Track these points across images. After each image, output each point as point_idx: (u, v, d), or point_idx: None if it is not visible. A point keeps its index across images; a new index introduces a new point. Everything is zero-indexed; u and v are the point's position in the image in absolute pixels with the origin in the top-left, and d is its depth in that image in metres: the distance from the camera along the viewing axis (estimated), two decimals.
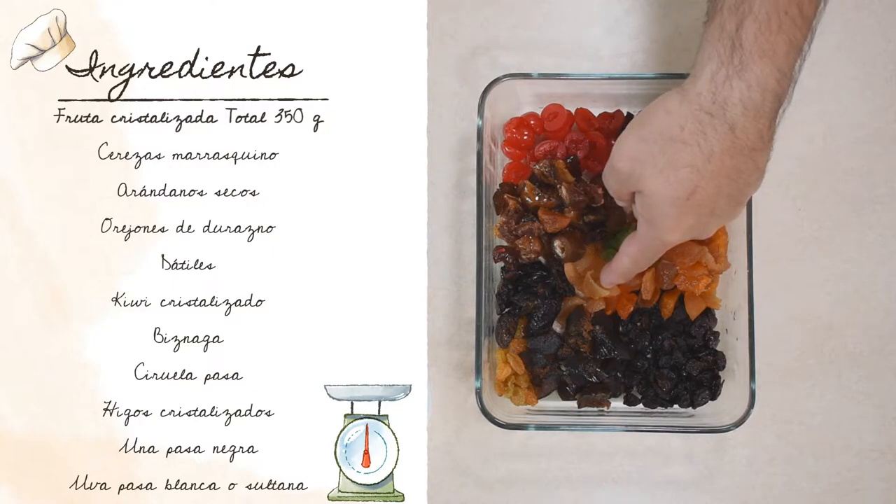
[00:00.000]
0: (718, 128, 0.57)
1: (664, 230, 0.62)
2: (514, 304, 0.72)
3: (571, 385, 0.73)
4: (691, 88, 0.59)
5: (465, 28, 0.78)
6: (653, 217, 0.62)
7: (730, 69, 0.57)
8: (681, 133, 0.59)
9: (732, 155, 0.58)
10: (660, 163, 0.60)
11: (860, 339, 0.75)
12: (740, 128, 0.57)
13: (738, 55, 0.57)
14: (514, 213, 0.72)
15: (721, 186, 0.59)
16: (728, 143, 0.58)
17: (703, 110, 0.58)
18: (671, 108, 0.59)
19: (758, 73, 0.56)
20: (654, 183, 0.60)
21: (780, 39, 0.56)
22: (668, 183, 0.59)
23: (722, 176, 0.59)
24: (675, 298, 0.72)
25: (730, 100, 0.57)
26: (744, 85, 0.57)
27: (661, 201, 0.60)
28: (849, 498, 0.74)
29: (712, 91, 0.57)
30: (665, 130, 0.59)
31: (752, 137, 0.58)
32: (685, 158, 0.59)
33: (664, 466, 0.75)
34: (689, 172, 0.59)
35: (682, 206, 0.60)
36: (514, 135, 0.75)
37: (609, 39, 0.78)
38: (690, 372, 0.72)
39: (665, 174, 0.59)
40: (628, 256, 0.66)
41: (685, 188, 0.59)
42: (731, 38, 0.57)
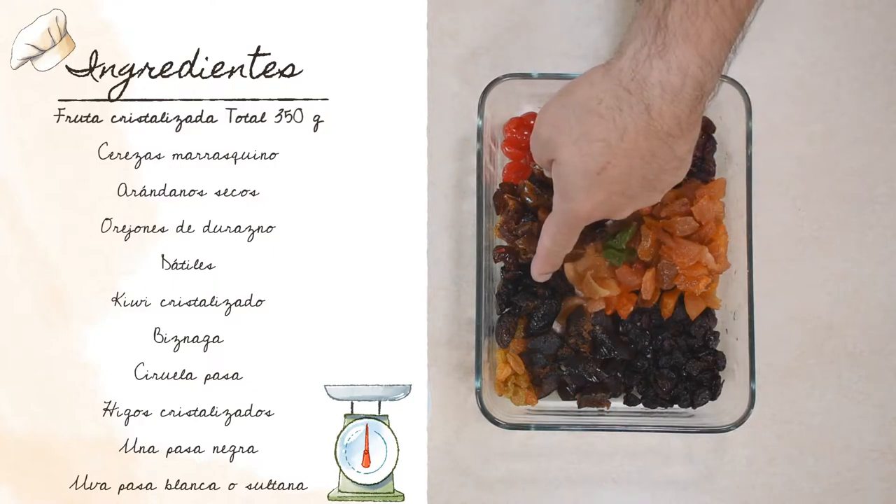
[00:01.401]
0: (635, 106, 0.57)
1: (575, 201, 0.61)
2: (514, 304, 0.72)
3: (571, 385, 0.73)
4: (615, 63, 0.58)
5: (465, 28, 0.78)
6: (565, 188, 0.61)
7: (652, 49, 0.56)
8: (598, 106, 0.58)
9: (647, 136, 0.57)
10: (575, 133, 0.59)
11: (860, 339, 0.75)
12: (656, 109, 0.56)
13: (662, 36, 0.56)
14: (514, 213, 0.72)
15: (633, 167, 0.58)
16: (643, 123, 0.57)
17: (622, 86, 0.57)
18: (594, 81, 0.59)
19: (679, 56, 0.56)
20: (567, 152, 0.60)
21: (707, 26, 0.56)
22: (581, 154, 0.59)
23: (635, 156, 0.58)
24: (675, 298, 0.72)
25: (648, 79, 0.56)
26: (664, 66, 0.56)
27: (573, 171, 0.60)
28: (849, 498, 0.74)
29: (632, 68, 0.57)
30: (584, 101, 0.59)
31: (669, 121, 0.57)
32: (599, 132, 0.58)
33: (664, 466, 0.75)
34: (601, 146, 0.58)
35: (593, 179, 0.59)
36: (514, 135, 0.75)
37: (609, 39, 0.78)
38: (690, 372, 0.72)
39: (578, 145, 0.59)
40: (547, 235, 0.66)
41: (596, 162, 0.58)
42: (657, 18, 0.57)
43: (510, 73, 0.72)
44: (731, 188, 0.73)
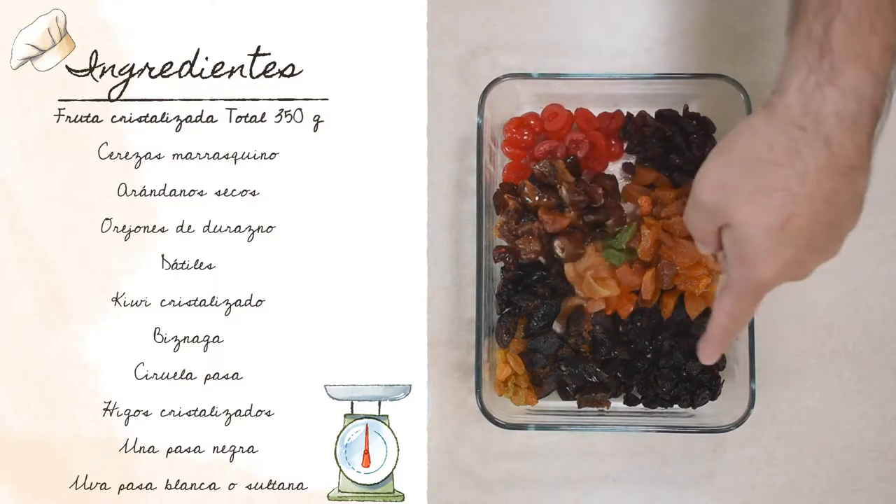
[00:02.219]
0: (812, 143, 0.51)
1: (759, 266, 0.55)
2: (514, 304, 0.72)
3: (571, 385, 0.73)
4: (778, 102, 0.53)
5: (465, 28, 0.78)
6: (744, 253, 0.55)
7: (820, 76, 0.51)
8: (771, 153, 0.53)
9: (830, 175, 0.52)
10: (748, 188, 0.53)
11: (860, 339, 0.75)
12: (837, 142, 0.51)
13: (829, 59, 0.51)
14: (514, 213, 0.72)
15: (818, 212, 0.53)
16: (824, 159, 0.51)
17: (794, 125, 0.52)
18: (758, 127, 0.54)
19: (852, 79, 0.51)
20: (743, 212, 0.54)
21: (874, 41, 0.51)
22: (760, 210, 0.53)
23: (819, 199, 0.52)
24: (675, 298, 0.72)
25: (823, 110, 0.51)
26: (837, 93, 0.51)
27: (753, 232, 0.54)
28: (849, 498, 0.74)
29: (802, 102, 0.52)
30: (753, 151, 0.53)
31: (851, 153, 0.52)
32: (777, 181, 0.52)
33: (664, 466, 0.75)
34: (782, 197, 0.52)
35: (777, 236, 0.53)
36: (514, 135, 0.75)
37: (609, 39, 0.78)
38: (690, 372, 0.72)
39: (755, 200, 0.53)
40: (724, 313, 0.59)
41: (779, 215, 0.53)
42: (818, 42, 0.51)
43: (510, 73, 0.72)
44: None
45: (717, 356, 0.63)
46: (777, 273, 0.55)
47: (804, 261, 0.56)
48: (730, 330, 0.60)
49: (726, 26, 0.77)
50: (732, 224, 0.55)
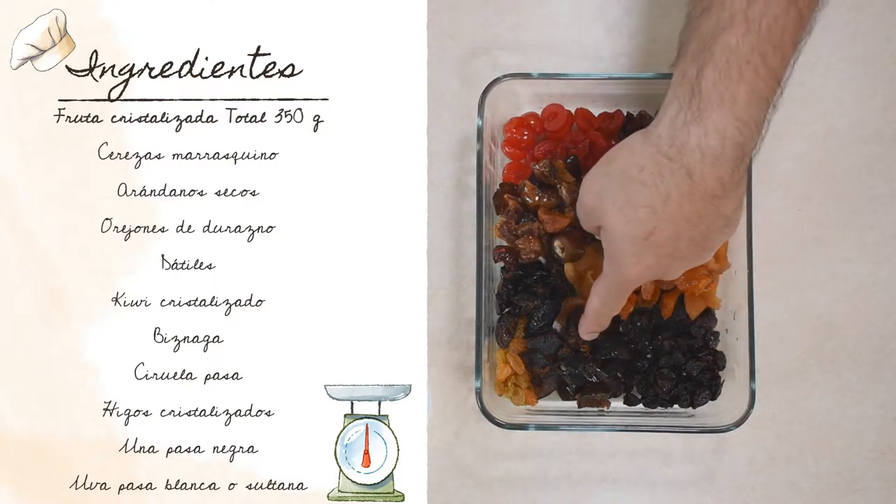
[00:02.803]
0: (676, 172, 0.57)
1: (624, 266, 0.62)
2: (514, 304, 0.72)
3: (571, 385, 0.73)
4: (654, 130, 0.59)
5: (465, 28, 0.78)
6: (614, 253, 0.62)
7: (688, 115, 0.57)
8: (640, 173, 0.59)
9: (691, 200, 0.58)
10: (620, 200, 0.60)
11: (860, 339, 0.75)
12: (698, 173, 0.57)
13: (697, 101, 0.57)
14: (514, 213, 0.72)
15: (680, 230, 0.59)
16: (686, 187, 0.57)
17: (662, 153, 0.58)
18: (634, 148, 0.60)
19: (716, 121, 0.56)
20: (613, 219, 0.60)
21: (741, 89, 0.56)
22: (627, 221, 0.60)
23: (681, 220, 0.59)
24: (675, 298, 0.72)
25: (687, 145, 0.57)
26: (701, 131, 0.56)
27: (620, 238, 0.61)
28: (849, 498, 0.74)
29: (671, 135, 0.58)
30: (626, 169, 0.60)
31: (711, 184, 0.57)
32: (643, 198, 0.59)
33: (664, 466, 0.75)
34: (646, 213, 0.59)
35: (641, 245, 0.60)
36: (514, 135, 0.75)
37: (609, 39, 0.78)
38: (690, 372, 0.72)
39: (624, 212, 0.60)
40: (597, 296, 0.66)
41: (643, 228, 0.59)
42: (690, 84, 0.57)
43: (510, 73, 0.72)
44: None
45: (593, 333, 0.69)
46: (640, 273, 0.62)
47: (667, 265, 0.62)
48: (602, 313, 0.67)
49: None
50: (605, 227, 0.62)
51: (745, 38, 0.56)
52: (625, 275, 0.63)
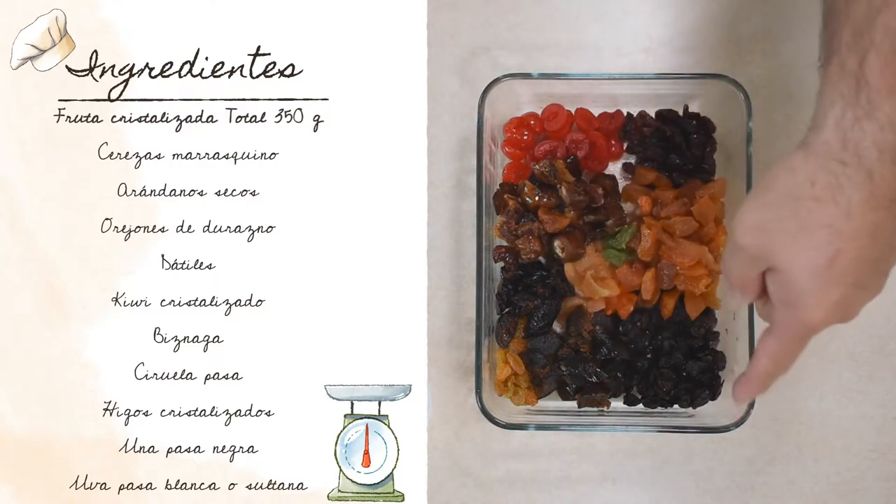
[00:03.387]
0: (854, 177, 0.51)
1: (806, 309, 0.54)
2: (514, 304, 0.72)
3: (571, 385, 0.73)
4: (815, 139, 0.52)
5: (465, 28, 0.78)
6: (791, 296, 0.54)
7: (857, 110, 0.51)
8: (812, 189, 0.51)
9: (873, 208, 0.51)
10: (792, 227, 0.52)
11: (860, 339, 0.75)
12: (878, 175, 0.50)
13: (865, 94, 0.50)
14: (514, 213, 0.72)
15: (863, 248, 0.52)
16: (867, 193, 0.51)
17: (835, 159, 0.51)
18: (796, 165, 0.52)
19: (889, 111, 0.50)
20: (787, 253, 0.52)
21: None
22: (805, 249, 0.52)
23: (864, 234, 0.51)
24: (675, 298, 0.72)
25: (863, 144, 0.50)
26: (876, 126, 0.50)
27: (800, 273, 0.53)
28: (849, 498, 0.74)
29: (841, 137, 0.51)
30: (793, 190, 0.52)
31: (893, 185, 0.51)
32: (821, 217, 0.51)
33: (664, 466, 0.75)
34: (827, 233, 0.51)
35: (824, 276, 0.52)
36: (514, 135, 0.75)
37: (609, 39, 0.78)
38: (690, 372, 0.72)
39: (800, 240, 0.52)
40: (767, 356, 0.57)
41: (826, 253, 0.52)
42: (854, 77, 0.51)
43: (510, 73, 0.72)
44: (731, 188, 0.73)
45: (751, 398, 0.62)
46: (826, 315, 0.54)
47: (852, 300, 0.54)
48: (771, 374, 0.58)
49: (726, 26, 0.77)
50: (777, 267, 0.54)
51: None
52: (807, 320, 0.54)
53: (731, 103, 0.71)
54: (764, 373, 0.58)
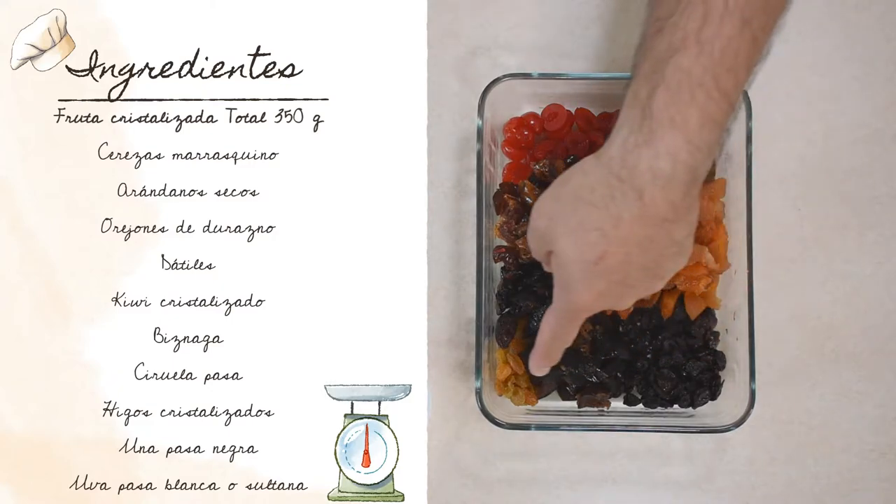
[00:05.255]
0: (627, 193, 0.56)
1: (575, 293, 0.60)
2: (514, 304, 0.72)
3: (571, 385, 0.73)
4: (606, 151, 0.57)
5: (465, 28, 0.78)
6: (565, 280, 0.61)
7: (639, 136, 0.55)
8: (591, 195, 0.57)
9: (642, 223, 0.56)
10: (571, 223, 0.58)
11: (860, 339, 0.75)
12: (649, 196, 0.55)
13: (648, 124, 0.55)
14: (514, 213, 0.72)
15: (631, 254, 0.57)
16: (637, 210, 0.56)
17: (613, 174, 0.56)
18: (587, 170, 0.58)
19: (667, 143, 0.54)
20: (563, 243, 0.59)
21: (693, 112, 0.54)
22: (577, 245, 0.58)
23: (632, 244, 0.57)
24: (675, 298, 0.72)
25: (638, 167, 0.55)
26: (652, 154, 0.55)
27: (570, 262, 0.59)
28: (849, 498, 0.74)
29: (622, 156, 0.56)
30: (578, 191, 0.58)
31: (663, 207, 0.56)
32: (594, 221, 0.57)
33: (664, 466, 0.75)
34: (597, 236, 0.57)
35: (591, 270, 0.58)
36: (514, 135, 0.75)
37: (609, 39, 0.78)
38: (690, 372, 0.72)
39: (575, 235, 0.58)
40: (548, 327, 0.64)
41: (593, 251, 0.58)
42: (641, 106, 0.56)
43: (510, 73, 0.72)
44: (731, 188, 0.73)
45: (545, 367, 0.67)
46: (592, 301, 0.60)
47: (619, 294, 0.60)
48: (553, 345, 0.65)
49: None
50: (556, 252, 0.60)
51: (697, 61, 0.54)
52: (575, 302, 0.61)
53: None
54: (547, 344, 0.65)
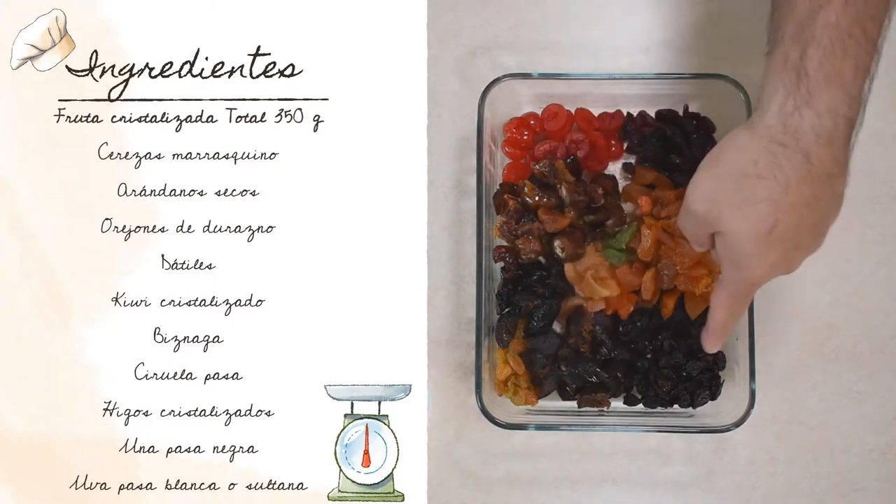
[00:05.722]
0: (793, 158, 0.56)
1: (749, 269, 0.60)
2: (514, 304, 0.72)
3: (571, 385, 0.73)
4: (760, 121, 0.57)
5: (465, 28, 0.78)
6: (736, 257, 0.60)
7: (797, 99, 0.55)
8: (755, 167, 0.57)
9: (810, 184, 0.56)
10: (737, 199, 0.58)
11: (860, 339, 0.75)
12: (815, 156, 0.56)
13: (805, 84, 0.55)
14: (514, 213, 0.72)
15: (802, 217, 0.57)
16: (804, 171, 0.56)
17: (775, 142, 0.56)
18: (742, 144, 0.58)
19: (827, 100, 0.55)
20: (733, 221, 0.58)
21: (847, 64, 0.55)
22: (748, 219, 0.58)
23: (802, 206, 0.57)
24: (675, 298, 0.72)
25: (801, 129, 0.55)
26: (813, 113, 0.55)
27: (743, 239, 0.58)
28: (849, 498, 0.74)
29: (782, 122, 0.56)
30: (739, 166, 0.58)
31: (828, 164, 0.56)
32: (762, 192, 0.57)
33: (664, 466, 0.75)
34: (767, 206, 0.57)
35: (765, 241, 0.58)
36: (514, 135, 0.75)
37: (609, 39, 0.78)
38: (690, 372, 0.72)
39: (743, 210, 0.58)
40: (720, 307, 0.64)
41: (766, 223, 0.57)
42: (795, 68, 0.56)
43: (510, 73, 0.72)
44: None
45: (718, 345, 0.67)
46: (766, 272, 0.60)
47: (791, 258, 0.60)
48: (727, 322, 0.65)
49: (726, 26, 0.77)
50: (723, 232, 0.60)
51: (844, 13, 0.54)
52: (749, 278, 0.61)
53: (731, 103, 0.71)
54: (721, 322, 0.65)
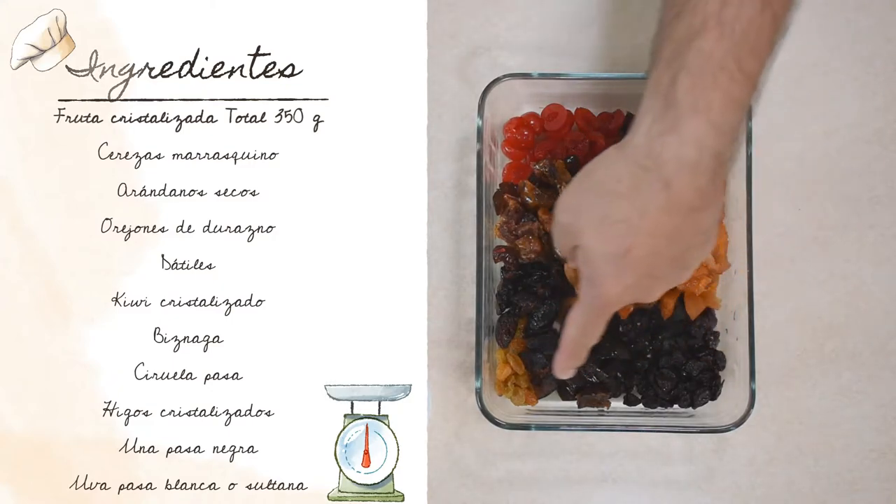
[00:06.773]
0: (653, 184, 0.55)
1: (603, 287, 0.59)
2: (514, 304, 0.72)
3: (571, 385, 0.73)
4: (630, 141, 0.56)
5: (465, 28, 0.78)
6: (591, 274, 0.59)
7: (663, 124, 0.54)
8: (618, 185, 0.56)
9: (669, 214, 0.55)
10: (597, 216, 0.57)
11: (860, 339, 0.75)
12: (675, 184, 0.54)
13: (672, 111, 0.54)
14: (514, 213, 0.72)
15: (659, 247, 0.56)
16: (662, 200, 0.55)
17: (639, 164, 0.55)
18: (610, 161, 0.57)
19: (692, 130, 0.53)
20: (589, 236, 0.58)
21: (716, 96, 0.53)
22: (604, 237, 0.57)
23: (659, 235, 0.56)
24: (675, 298, 0.72)
25: (663, 155, 0.54)
26: (677, 141, 0.54)
27: (598, 255, 0.58)
28: (849, 498, 0.74)
29: (647, 145, 0.55)
30: (603, 182, 0.57)
31: (689, 195, 0.54)
32: (621, 212, 0.56)
33: (664, 466, 0.75)
34: (623, 228, 0.56)
35: (619, 263, 0.57)
36: (514, 135, 0.75)
37: (609, 39, 0.78)
38: (690, 372, 0.72)
39: (601, 228, 0.57)
40: (573, 324, 0.62)
41: (620, 244, 0.56)
42: (664, 94, 0.54)
43: (510, 73, 0.72)
44: (731, 188, 0.72)
45: (571, 369, 0.64)
46: (620, 294, 0.59)
47: (646, 286, 0.59)
48: (581, 343, 0.63)
49: None
50: (582, 246, 0.59)
51: (718, 43, 0.53)
52: (603, 296, 0.59)
53: None
54: (574, 342, 0.63)
